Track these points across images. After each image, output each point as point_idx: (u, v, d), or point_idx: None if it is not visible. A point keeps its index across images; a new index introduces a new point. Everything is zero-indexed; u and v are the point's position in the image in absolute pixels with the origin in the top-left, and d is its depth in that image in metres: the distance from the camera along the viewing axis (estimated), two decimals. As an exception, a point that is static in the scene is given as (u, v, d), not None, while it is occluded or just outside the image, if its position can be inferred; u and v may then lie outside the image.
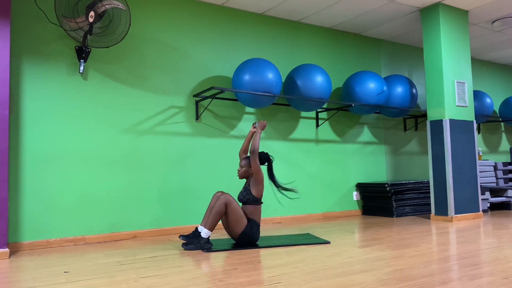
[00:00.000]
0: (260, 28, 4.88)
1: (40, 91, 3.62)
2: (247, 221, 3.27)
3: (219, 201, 3.19)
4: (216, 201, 3.23)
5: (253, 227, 3.27)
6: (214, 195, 3.33)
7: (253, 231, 3.27)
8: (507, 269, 2.37)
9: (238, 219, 3.21)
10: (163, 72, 4.22)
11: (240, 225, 3.22)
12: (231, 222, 3.22)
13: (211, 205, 3.28)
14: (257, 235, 3.30)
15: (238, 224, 3.22)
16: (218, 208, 3.18)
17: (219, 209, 3.18)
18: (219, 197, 3.24)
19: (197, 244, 3.17)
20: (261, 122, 3.47)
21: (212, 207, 3.24)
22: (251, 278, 2.31)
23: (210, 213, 3.22)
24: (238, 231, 3.23)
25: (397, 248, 3.06)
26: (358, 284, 2.13)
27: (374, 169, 5.63)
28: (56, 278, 2.43)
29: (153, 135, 4.10)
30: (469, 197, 4.73)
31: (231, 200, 3.20)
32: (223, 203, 3.18)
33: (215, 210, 3.18)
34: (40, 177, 3.56)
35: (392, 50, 6.01)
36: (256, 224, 3.31)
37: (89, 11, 3.52)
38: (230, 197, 3.22)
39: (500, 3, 4.71)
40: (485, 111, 6.31)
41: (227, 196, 3.21)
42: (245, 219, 3.25)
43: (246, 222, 3.25)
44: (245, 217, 3.26)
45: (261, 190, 3.34)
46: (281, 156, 4.86)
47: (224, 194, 3.23)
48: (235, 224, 3.22)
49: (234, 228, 3.23)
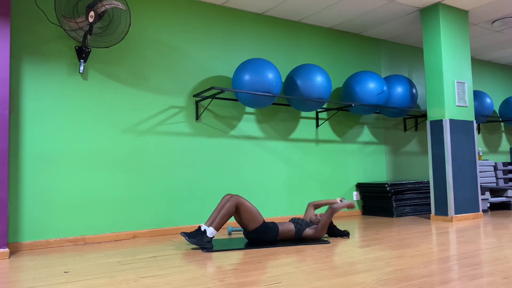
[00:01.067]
0: (260, 28, 4.88)
1: (40, 91, 3.62)
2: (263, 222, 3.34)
3: (229, 203, 3.23)
4: (225, 203, 3.27)
5: (267, 229, 3.33)
6: (223, 197, 3.40)
7: (267, 233, 3.33)
8: (507, 269, 2.37)
9: (253, 217, 3.29)
10: (163, 72, 4.22)
11: (255, 223, 3.29)
12: (245, 219, 3.29)
13: (220, 206, 3.33)
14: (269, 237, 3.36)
15: (252, 221, 3.29)
16: (228, 209, 3.21)
17: (229, 211, 3.21)
18: (228, 199, 3.29)
19: (200, 241, 3.18)
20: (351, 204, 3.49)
21: (221, 208, 3.28)
22: (251, 278, 2.31)
23: (218, 213, 3.25)
24: (253, 226, 3.30)
25: (397, 248, 3.06)
26: (358, 284, 2.13)
27: (374, 169, 5.63)
28: (56, 278, 2.43)
29: (153, 135, 4.10)
30: (469, 197, 4.73)
31: (241, 201, 3.25)
32: (233, 205, 3.23)
33: (224, 211, 3.21)
34: (40, 177, 3.56)
35: (392, 50, 6.01)
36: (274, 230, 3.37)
37: (89, 11, 3.52)
38: (241, 198, 3.27)
39: (500, 3, 4.71)
40: (485, 111, 6.31)
41: (237, 197, 3.26)
42: (261, 218, 3.32)
43: (262, 221, 3.32)
44: (262, 217, 3.34)
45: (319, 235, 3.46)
46: (281, 156, 4.86)
47: (234, 196, 3.28)
48: (249, 221, 3.29)
49: (248, 224, 3.30)
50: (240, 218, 3.31)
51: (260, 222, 3.31)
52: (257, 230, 3.31)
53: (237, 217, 3.33)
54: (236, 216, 3.32)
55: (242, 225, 3.35)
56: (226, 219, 3.22)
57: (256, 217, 3.29)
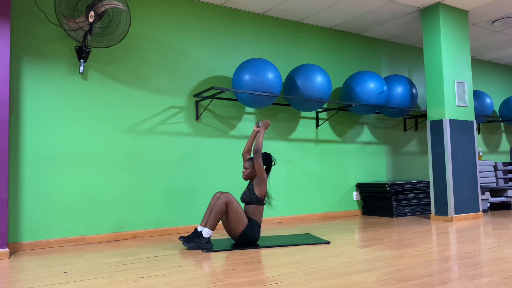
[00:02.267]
0: (260, 28, 4.88)
1: (40, 91, 3.62)
2: (248, 221, 3.26)
3: (219, 201, 3.18)
4: (216, 201, 3.22)
5: (254, 227, 3.27)
6: (214, 196, 3.33)
7: (254, 231, 3.26)
8: (507, 269, 2.37)
9: (239, 219, 3.21)
10: (163, 72, 4.22)
11: (241, 225, 3.22)
12: (232, 222, 3.22)
13: (211, 205, 3.27)
14: (257, 236, 3.30)
15: (239, 223, 3.21)
16: (219, 207, 3.17)
17: (220, 208, 3.17)
18: (219, 197, 3.23)
19: (198, 243, 3.17)
20: (265, 121, 3.47)
21: (213, 206, 3.23)
22: (251, 278, 2.31)
23: (210, 212, 3.21)
24: (238, 230, 3.23)
25: (397, 248, 3.06)
26: (358, 284, 2.13)
27: (374, 169, 5.63)
28: (56, 278, 2.43)
29: (153, 135, 4.10)
30: (469, 197, 4.73)
31: (231, 200, 3.20)
32: (223, 202, 3.17)
33: (216, 210, 3.17)
34: (40, 177, 3.56)
35: (392, 50, 6.01)
36: (257, 224, 3.30)
37: (89, 11, 3.52)
38: (231, 196, 3.21)
39: (500, 3, 4.71)
40: (485, 111, 6.31)
41: (227, 195, 3.20)
42: (246, 219, 3.25)
43: (247, 222, 3.25)
44: (246, 217, 3.26)
45: (264, 189, 3.34)
46: (281, 156, 4.86)
47: (224, 194, 3.22)
48: (236, 224, 3.21)
49: (234, 228, 3.23)
50: (227, 219, 3.23)
51: (246, 222, 3.23)
52: (243, 233, 3.23)
53: (224, 219, 3.26)
54: (224, 218, 3.25)
55: (228, 228, 3.26)
56: (219, 217, 3.19)
57: (242, 218, 3.22)
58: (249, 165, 3.42)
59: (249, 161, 3.43)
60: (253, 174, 3.41)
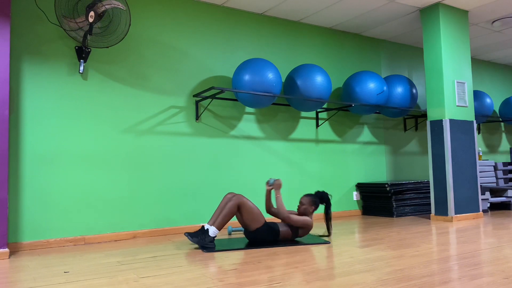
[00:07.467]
0: (260, 28, 4.88)
1: (40, 91, 3.62)
2: (265, 222, 3.33)
3: (230, 202, 3.23)
4: (227, 202, 3.27)
5: (268, 230, 3.33)
6: (225, 196, 3.38)
7: (267, 232, 3.32)
8: (507, 269, 2.37)
9: (254, 218, 3.28)
10: (163, 72, 4.22)
11: (257, 223, 3.29)
12: (246, 220, 3.29)
13: (221, 205, 3.32)
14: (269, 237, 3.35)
15: (253, 222, 3.29)
16: (229, 209, 3.21)
17: (230, 210, 3.21)
18: (230, 198, 3.29)
19: (202, 240, 3.18)
20: (277, 182, 3.46)
21: (223, 207, 3.27)
22: (251, 278, 2.31)
23: (220, 213, 3.25)
24: (254, 227, 3.30)
25: (397, 248, 3.06)
26: (358, 284, 2.13)
27: (374, 169, 5.63)
28: (56, 278, 2.43)
29: (153, 135, 4.10)
30: (469, 197, 4.73)
31: (244, 201, 3.24)
32: (235, 205, 3.22)
33: (226, 211, 3.21)
34: (40, 177, 3.56)
35: (392, 50, 6.01)
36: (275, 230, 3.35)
37: (89, 11, 3.52)
38: (243, 197, 3.26)
39: (500, 3, 4.71)
40: (485, 111, 6.31)
41: (239, 197, 3.25)
42: (263, 219, 3.32)
43: (264, 221, 3.32)
44: (263, 218, 3.33)
45: (306, 232, 3.44)
46: (281, 156, 4.86)
47: (236, 195, 3.27)
48: (250, 222, 3.29)
49: (250, 224, 3.30)
50: (242, 218, 3.31)
51: (262, 222, 3.31)
52: (258, 230, 3.31)
53: (239, 216, 3.33)
54: (238, 215, 3.32)
55: (244, 225, 3.34)
56: (228, 218, 3.22)
57: (258, 218, 3.29)
58: (306, 202, 3.49)
59: (306, 198, 3.51)
60: (307, 211, 3.48)
